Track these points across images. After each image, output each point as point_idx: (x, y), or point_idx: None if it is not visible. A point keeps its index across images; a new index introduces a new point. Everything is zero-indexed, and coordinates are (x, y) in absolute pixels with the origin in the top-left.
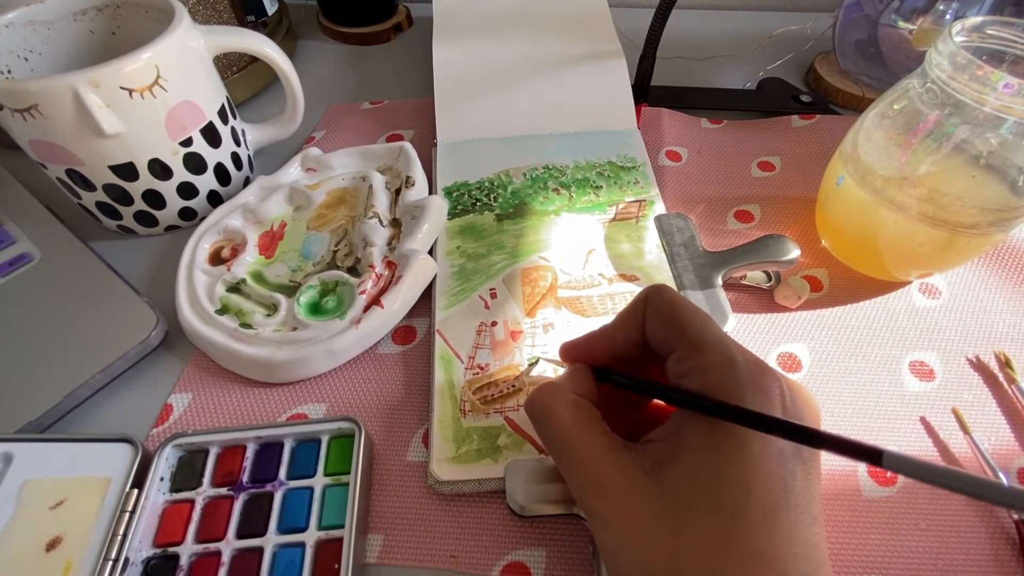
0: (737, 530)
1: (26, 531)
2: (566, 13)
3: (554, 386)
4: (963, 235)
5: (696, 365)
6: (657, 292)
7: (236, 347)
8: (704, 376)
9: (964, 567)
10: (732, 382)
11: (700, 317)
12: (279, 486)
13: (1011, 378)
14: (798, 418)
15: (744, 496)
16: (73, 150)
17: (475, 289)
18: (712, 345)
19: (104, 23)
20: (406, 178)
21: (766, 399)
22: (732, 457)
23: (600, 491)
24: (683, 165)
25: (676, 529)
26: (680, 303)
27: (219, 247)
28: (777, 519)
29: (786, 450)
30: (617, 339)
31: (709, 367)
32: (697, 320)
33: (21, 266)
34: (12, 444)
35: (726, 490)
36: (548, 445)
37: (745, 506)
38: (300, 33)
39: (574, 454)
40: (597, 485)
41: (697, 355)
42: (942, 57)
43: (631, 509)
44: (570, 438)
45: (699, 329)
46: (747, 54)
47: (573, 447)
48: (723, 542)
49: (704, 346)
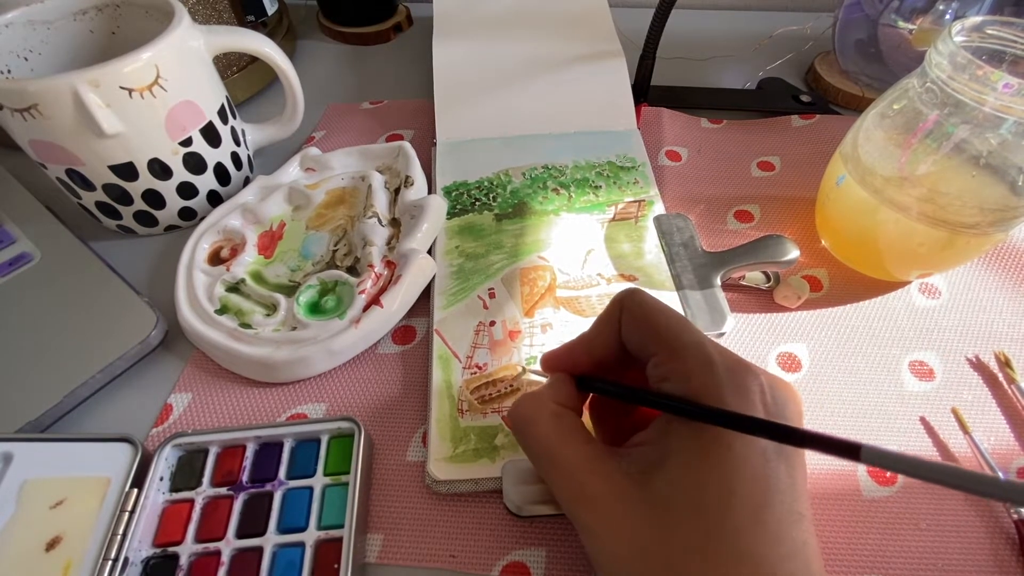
0: (723, 533)
1: (26, 531)
2: (566, 13)
3: (534, 397)
4: (963, 235)
5: (675, 368)
6: (630, 297)
7: (236, 347)
8: (683, 379)
9: (964, 567)
10: (712, 384)
11: (675, 320)
12: (279, 486)
13: (1011, 378)
14: (781, 415)
15: (728, 498)
16: (73, 150)
17: (474, 289)
18: (689, 347)
19: (104, 23)
20: (405, 177)
21: (747, 398)
22: (715, 459)
23: (586, 501)
24: (683, 165)
25: (663, 537)
26: (654, 306)
27: (218, 247)
28: (763, 519)
29: (768, 449)
30: (596, 345)
31: (688, 370)
32: (672, 323)
33: (21, 266)
34: (12, 444)
35: (711, 493)
36: (531, 457)
37: (730, 508)
38: (300, 33)
39: (558, 465)
40: (583, 495)
41: (675, 359)
42: (942, 57)
43: (618, 518)
44: (552, 449)
45: (675, 332)
46: (747, 54)
47: (556, 458)
48: (708, 544)
49: (682, 349)
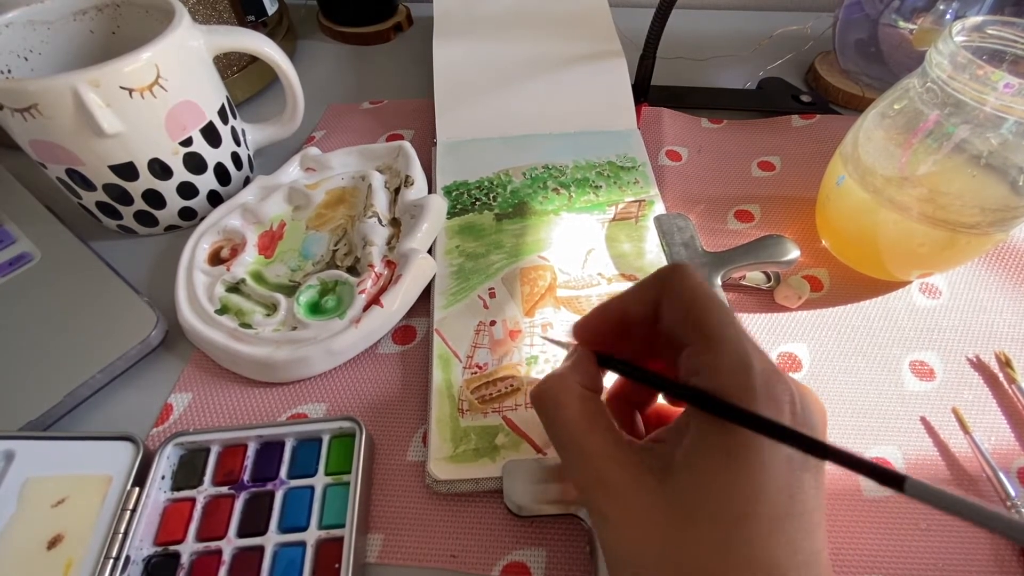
0: (743, 539)
1: (27, 529)
2: (566, 13)
3: (561, 378)
4: (963, 235)
5: (709, 363)
6: (678, 274)
7: (236, 347)
8: (716, 376)
9: (964, 567)
10: (745, 388)
11: (722, 311)
12: (280, 485)
13: (1011, 378)
14: (808, 424)
15: (751, 504)
16: (73, 150)
17: (474, 288)
18: (727, 343)
19: (104, 23)
20: (405, 177)
21: (777, 408)
22: (743, 464)
23: (606, 489)
24: (683, 165)
25: (679, 538)
26: (702, 291)
27: (218, 247)
28: (782, 528)
29: (795, 458)
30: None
31: (722, 368)
32: (715, 314)
33: (21, 266)
34: (14, 442)
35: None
36: (555, 439)
37: (754, 516)
38: (300, 33)
39: (581, 450)
40: (603, 483)
41: (712, 352)
42: (942, 57)
43: (636, 510)
44: (577, 433)
45: (717, 324)
46: (747, 54)
47: (580, 442)
48: (726, 551)
49: (719, 343)
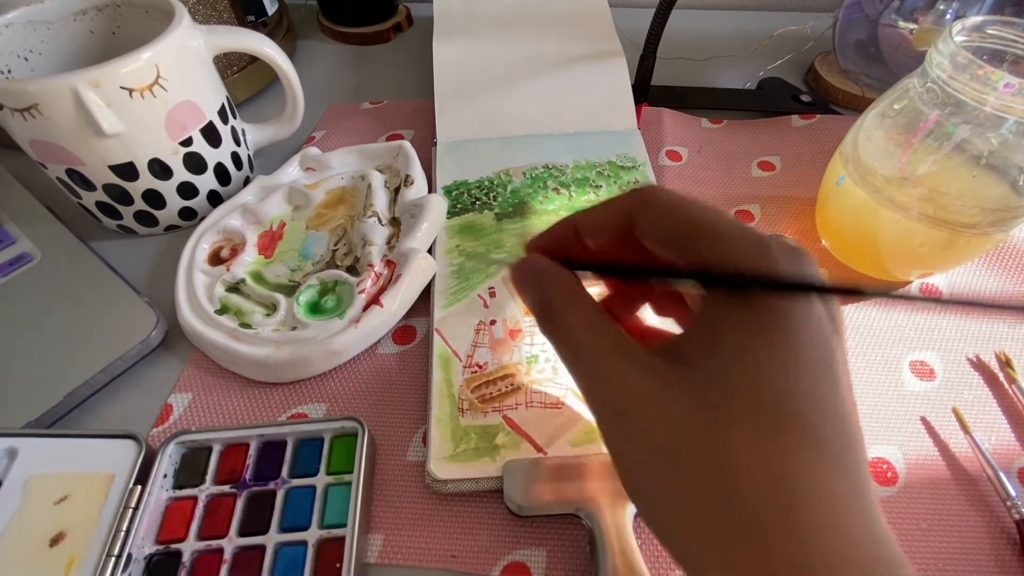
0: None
1: (30, 526)
2: (566, 13)
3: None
4: (963, 235)
5: (720, 252)
6: (653, 191)
7: (236, 347)
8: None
9: (964, 567)
10: (769, 260)
11: (715, 210)
12: (281, 484)
13: (1011, 378)
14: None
15: (791, 371)
16: (73, 150)
17: (474, 288)
18: (737, 231)
19: (104, 23)
20: (405, 177)
21: (805, 266)
22: (774, 331)
23: (616, 379)
24: (683, 165)
25: (712, 418)
26: (689, 198)
27: (218, 247)
28: (820, 392)
29: (824, 318)
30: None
31: (737, 252)
32: (712, 213)
33: (21, 266)
34: (17, 439)
35: (773, 366)
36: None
37: (794, 382)
38: (300, 33)
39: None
40: (613, 375)
41: (721, 242)
42: (942, 57)
43: (655, 398)
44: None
45: (716, 220)
46: (747, 54)
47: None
48: (774, 427)
49: (727, 233)
